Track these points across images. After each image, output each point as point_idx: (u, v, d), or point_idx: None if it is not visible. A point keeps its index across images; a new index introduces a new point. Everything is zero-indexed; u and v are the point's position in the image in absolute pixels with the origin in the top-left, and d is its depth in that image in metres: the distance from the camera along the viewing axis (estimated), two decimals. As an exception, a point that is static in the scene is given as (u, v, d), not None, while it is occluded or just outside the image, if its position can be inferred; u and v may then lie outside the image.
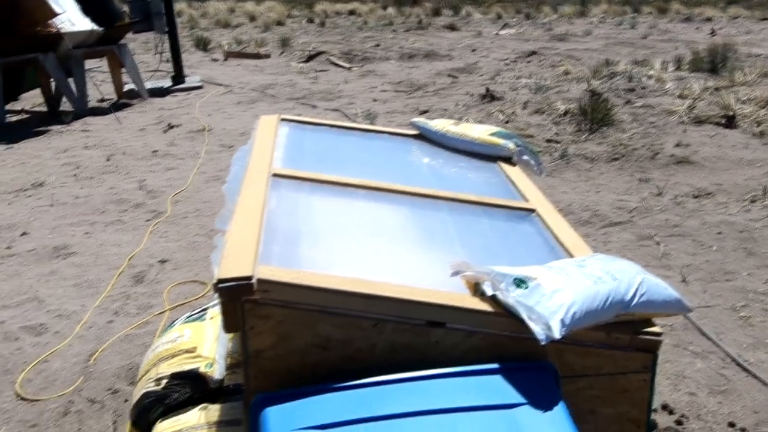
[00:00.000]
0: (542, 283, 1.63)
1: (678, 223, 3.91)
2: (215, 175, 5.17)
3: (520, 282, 1.64)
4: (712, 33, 14.29)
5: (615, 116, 6.02)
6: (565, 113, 6.33)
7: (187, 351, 2.26)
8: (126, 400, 2.44)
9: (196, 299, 3.18)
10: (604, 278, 1.68)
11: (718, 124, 5.89)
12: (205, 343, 2.30)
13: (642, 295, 1.69)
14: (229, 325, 1.65)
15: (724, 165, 4.92)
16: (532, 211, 2.40)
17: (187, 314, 2.55)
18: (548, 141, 5.68)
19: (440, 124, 3.06)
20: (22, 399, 2.48)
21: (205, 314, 2.48)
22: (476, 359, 1.59)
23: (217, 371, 2.20)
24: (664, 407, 2.30)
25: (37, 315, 3.08)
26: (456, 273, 1.72)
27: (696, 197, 4.32)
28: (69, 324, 3.00)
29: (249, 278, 1.51)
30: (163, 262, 3.62)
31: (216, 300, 2.63)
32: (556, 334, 1.50)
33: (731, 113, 5.95)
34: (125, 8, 8.72)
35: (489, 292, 1.66)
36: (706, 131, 5.71)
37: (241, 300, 1.54)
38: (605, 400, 1.74)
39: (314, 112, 7.16)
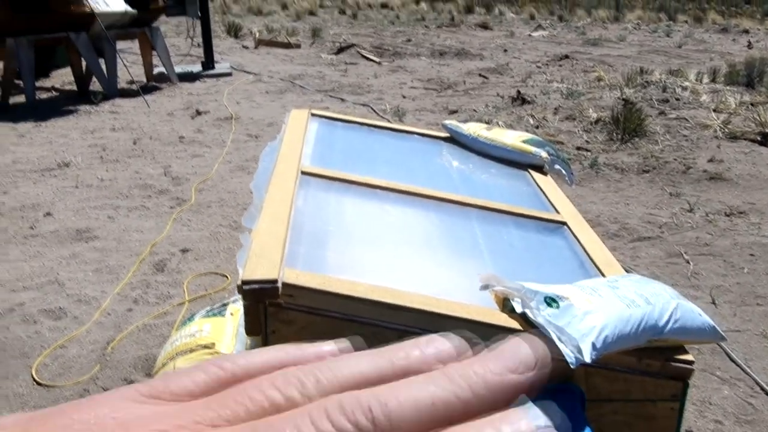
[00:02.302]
0: (574, 304, 1.57)
1: (709, 241, 3.82)
2: (241, 164, 5.15)
3: (551, 301, 1.58)
4: (749, 46, 14.05)
5: (648, 127, 5.92)
6: (597, 121, 6.23)
7: (206, 347, 2.23)
8: (141, 392, 2.41)
9: (216, 291, 3.15)
10: (638, 302, 1.62)
11: (753, 141, 5.76)
12: (223, 339, 2.27)
13: (676, 321, 1.63)
14: (251, 328, 1.61)
15: (758, 183, 4.81)
16: (564, 224, 2.34)
17: (207, 308, 2.52)
18: (578, 149, 5.60)
19: (472, 128, 3.00)
20: (38, 384, 2.47)
21: (225, 309, 2.45)
22: (501, 377, 1.54)
23: (234, 369, 2.17)
24: (689, 434, 2.24)
25: (57, 299, 3.07)
26: (485, 287, 1.67)
27: (728, 215, 4.22)
28: (88, 310, 2.99)
29: (274, 281, 1.47)
30: (184, 251, 3.60)
31: (236, 295, 2.61)
32: (587, 357, 1.45)
33: (767, 130, 5.82)
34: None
35: (518, 309, 1.60)
36: (741, 148, 5.59)
37: (264, 303, 1.50)
38: (630, 426, 1.68)
39: (343, 106, 7.12)
